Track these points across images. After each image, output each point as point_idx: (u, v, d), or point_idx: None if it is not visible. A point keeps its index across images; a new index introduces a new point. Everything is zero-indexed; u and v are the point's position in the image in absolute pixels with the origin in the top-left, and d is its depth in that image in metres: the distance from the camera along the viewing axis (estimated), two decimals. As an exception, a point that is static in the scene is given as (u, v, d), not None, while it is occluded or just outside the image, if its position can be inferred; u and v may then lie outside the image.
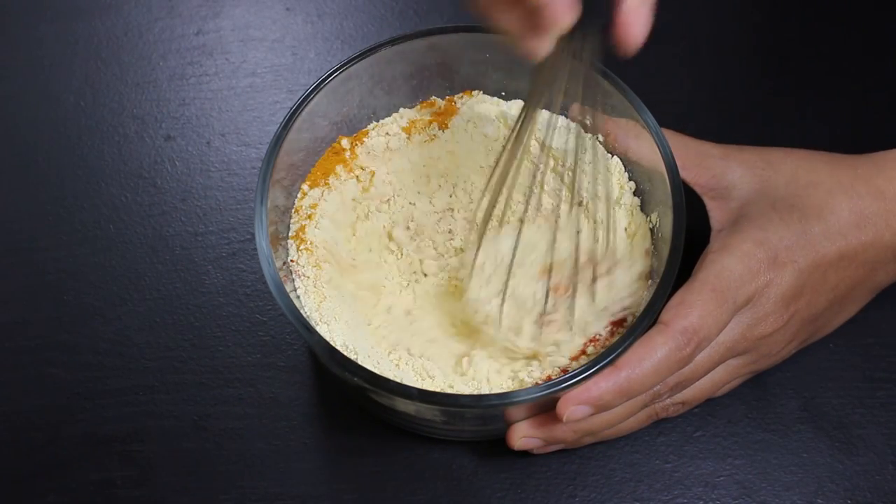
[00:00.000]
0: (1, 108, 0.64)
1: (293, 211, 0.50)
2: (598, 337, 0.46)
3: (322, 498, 0.50)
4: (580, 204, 0.49)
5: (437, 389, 0.45)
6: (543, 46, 0.38)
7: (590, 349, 0.46)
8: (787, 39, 0.65)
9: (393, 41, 0.51)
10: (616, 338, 0.44)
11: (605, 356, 0.42)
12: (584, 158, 0.50)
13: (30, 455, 0.52)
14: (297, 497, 0.50)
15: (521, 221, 0.47)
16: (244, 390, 0.53)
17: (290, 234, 0.49)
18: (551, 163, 0.51)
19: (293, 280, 0.48)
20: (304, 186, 0.51)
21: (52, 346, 0.55)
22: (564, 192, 0.50)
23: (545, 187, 0.50)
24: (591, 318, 0.46)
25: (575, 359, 0.46)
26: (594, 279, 0.45)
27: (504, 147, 0.44)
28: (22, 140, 0.62)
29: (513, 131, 0.44)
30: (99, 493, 0.50)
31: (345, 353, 0.44)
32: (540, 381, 0.44)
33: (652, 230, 0.49)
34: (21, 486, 0.51)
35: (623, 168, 0.51)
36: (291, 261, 0.49)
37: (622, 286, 0.46)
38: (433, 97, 0.54)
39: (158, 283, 0.56)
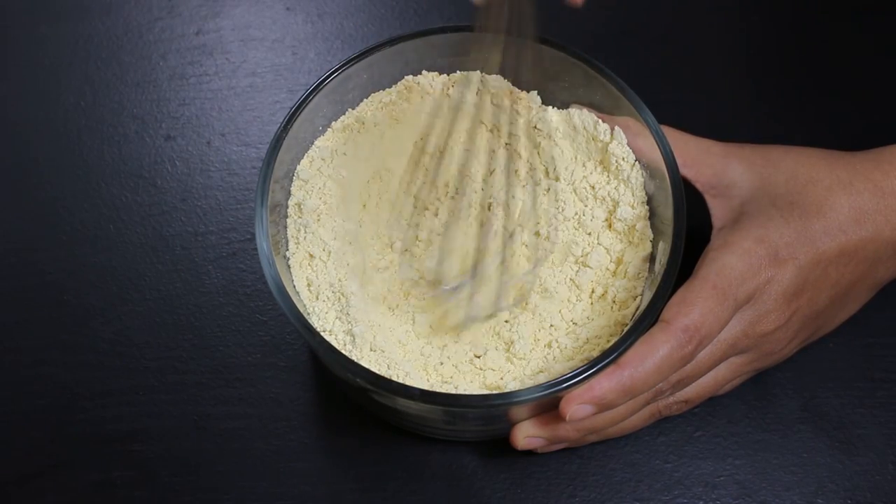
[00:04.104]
0: (1, 108, 0.64)
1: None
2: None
3: (322, 498, 0.50)
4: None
5: (440, 390, 0.45)
6: None
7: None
8: (786, 38, 0.65)
9: (393, 41, 0.51)
10: (617, 337, 0.44)
11: (607, 355, 0.42)
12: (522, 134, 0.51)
13: (30, 455, 0.52)
14: (297, 497, 0.50)
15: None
16: (244, 390, 0.53)
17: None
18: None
19: (291, 276, 0.48)
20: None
21: (53, 346, 0.55)
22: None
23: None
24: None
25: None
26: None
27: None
28: (22, 140, 0.62)
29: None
30: (99, 493, 0.50)
31: (346, 354, 0.44)
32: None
33: (653, 229, 0.49)
34: (21, 486, 0.51)
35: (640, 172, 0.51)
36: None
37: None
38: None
39: (158, 283, 0.56)
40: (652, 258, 0.49)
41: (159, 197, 0.60)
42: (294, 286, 0.48)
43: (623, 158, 0.50)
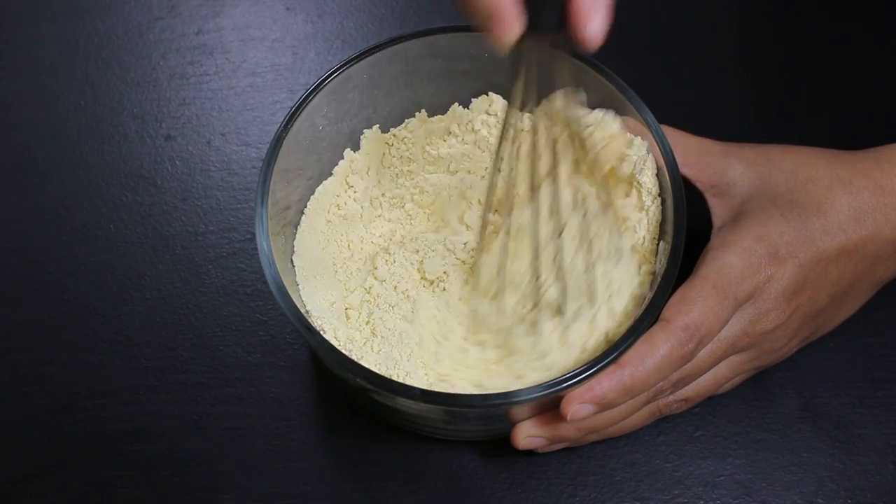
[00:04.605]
0: (1, 107, 0.64)
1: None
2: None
3: (322, 498, 0.50)
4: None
5: (441, 389, 0.45)
6: (507, 41, 0.37)
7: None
8: (786, 37, 0.65)
9: (393, 41, 0.51)
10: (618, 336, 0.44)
11: (607, 354, 0.42)
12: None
13: (30, 455, 0.52)
14: (298, 497, 0.50)
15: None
16: (244, 390, 0.53)
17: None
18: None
19: (294, 278, 0.48)
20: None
21: (53, 346, 0.54)
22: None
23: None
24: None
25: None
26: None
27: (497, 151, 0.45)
28: (22, 140, 0.62)
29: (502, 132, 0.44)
30: (99, 493, 0.50)
31: (346, 353, 0.44)
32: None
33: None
34: (21, 486, 0.51)
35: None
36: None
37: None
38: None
39: (159, 283, 0.56)
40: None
41: (159, 196, 0.60)
42: (295, 284, 0.48)
43: (648, 191, 0.48)
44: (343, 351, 0.45)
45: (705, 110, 0.61)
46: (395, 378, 0.45)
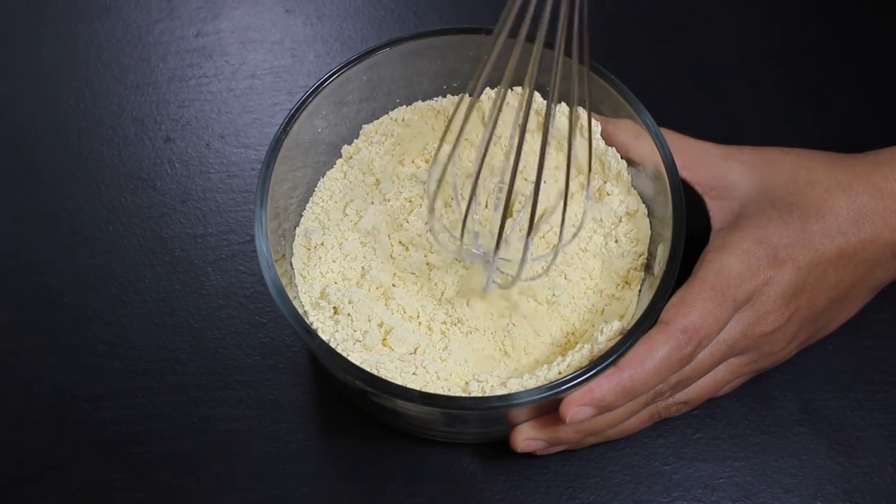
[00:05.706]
0: (0, 109, 0.64)
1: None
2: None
3: (321, 500, 0.50)
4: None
5: (440, 391, 0.45)
6: None
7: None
8: (785, 38, 0.65)
9: (392, 43, 0.51)
10: (617, 339, 0.44)
11: (606, 357, 0.42)
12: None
13: (29, 457, 0.52)
14: (297, 499, 0.50)
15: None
16: (244, 392, 0.53)
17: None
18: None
19: (293, 281, 0.48)
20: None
21: (52, 348, 0.54)
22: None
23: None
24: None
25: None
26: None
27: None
28: (21, 142, 0.62)
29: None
30: (98, 495, 0.50)
31: (345, 356, 0.44)
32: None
33: (651, 230, 0.49)
34: (20, 488, 0.51)
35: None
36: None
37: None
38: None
39: (158, 285, 0.56)
40: (651, 260, 0.49)
41: (158, 199, 0.60)
42: (294, 286, 0.48)
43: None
44: (342, 353, 0.45)
45: (704, 113, 0.61)
46: (393, 380, 0.45)
